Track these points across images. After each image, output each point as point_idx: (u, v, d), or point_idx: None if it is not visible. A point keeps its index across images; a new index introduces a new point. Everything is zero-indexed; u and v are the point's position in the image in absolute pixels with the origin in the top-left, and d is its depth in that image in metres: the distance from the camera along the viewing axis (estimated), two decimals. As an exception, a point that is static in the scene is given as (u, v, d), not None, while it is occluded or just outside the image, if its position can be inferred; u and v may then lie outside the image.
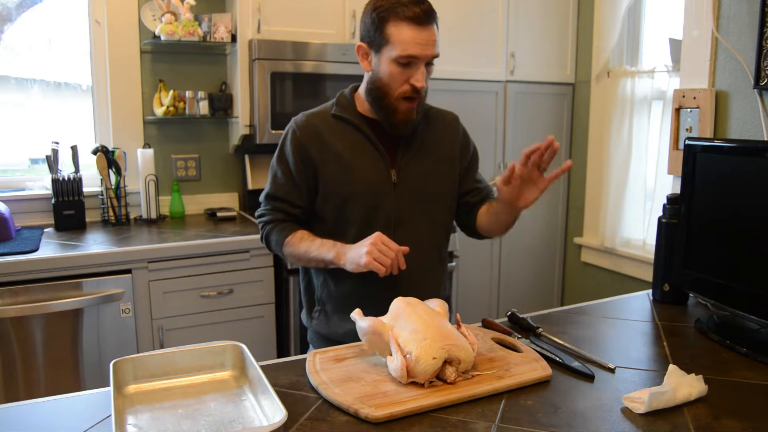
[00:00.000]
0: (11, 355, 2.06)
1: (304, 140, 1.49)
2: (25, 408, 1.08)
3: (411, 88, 1.39)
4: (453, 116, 1.64)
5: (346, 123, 1.50)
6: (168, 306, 2.31)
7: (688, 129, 2.08)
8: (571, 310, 1.60)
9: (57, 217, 2.51)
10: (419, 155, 1.52)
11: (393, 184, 1.49)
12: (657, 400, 1.03)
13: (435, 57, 1.40)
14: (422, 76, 1.39)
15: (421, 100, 1.45)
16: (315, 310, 1.59)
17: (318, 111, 1.54)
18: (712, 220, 1.47)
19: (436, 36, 1.39)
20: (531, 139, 3.27)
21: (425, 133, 1.55)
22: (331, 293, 1.54)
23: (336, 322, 1.53)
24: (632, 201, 3.05)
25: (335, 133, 1.49)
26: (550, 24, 3.24)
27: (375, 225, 1.46)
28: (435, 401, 1.04)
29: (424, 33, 1.36)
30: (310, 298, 1.61)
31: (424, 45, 1.36)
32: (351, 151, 1.48)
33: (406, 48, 1.36)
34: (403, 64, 1.38)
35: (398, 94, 1.41)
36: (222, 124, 2.95)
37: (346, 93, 1.55)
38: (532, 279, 3.45)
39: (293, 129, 1.51)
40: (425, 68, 1.40)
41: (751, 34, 1.86)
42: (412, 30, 1.35)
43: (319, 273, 1.56)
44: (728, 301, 1.41)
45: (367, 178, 1.47)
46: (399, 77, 1.40)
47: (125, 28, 2.70)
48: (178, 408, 1.06)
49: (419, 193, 1.52)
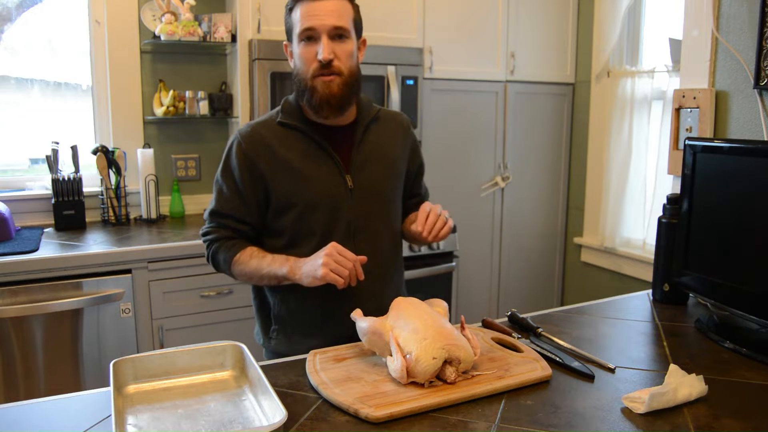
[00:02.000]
0: (11, 355, 2.06)
1: (250, 152, 1.42)
2: (25, 408, 1.08)
3: (318, 63, 1.36)
4: (404, 117, 1.61)
5: (294, 130, 1.44)
6: (168, 306, 2.31)
7: (688, 129, 2.08)
8: (571, 310, 1.60)
9: (57, 217, 2.51)
10: (373, 157, 1.48)
11: (350, 189, 1.44)
12: (657, 401, 1.03)
13: (338, 27, 1.36)
14: (326, 48, 1.35)
15: (344, 78, 1.38)
16: (272, 329, 1.51)
17: (263, 120, 1.47)
18: (712, 220, 1.47)
19: (337, 8, 1.36)
20: (531, 139, 3.30)
21: (377, 134, 1.51)
22: (290, 310, 1.48)
23: (298, 339, 1.47)
24: (632, 201, 3.05)
25: (284, 142, 1.43)
26: (550, 24, 3.24)
27: (335, 234, 1.41)
28: (435, 401, 1.04)
29: (320, 5, 1.35)
30: (265, 317, 1.54)
31: (321, 16, 1.35)
32: (302, 159, 1.42)
33: (303, 22, 1.36)
34: (307, 40, 1.37)
35: (311, 74, 1.38)
36: (222, 124, 2.95)
37: (291, 99, 1.48)
38: (532, 279, 3.45)
39: (238, 141, 1.44)
40: (336, 41, 1.37)
41: (751, 34, 1.86)
42: (307, 5, 1.36)
43: (276, 290, 1.49)
44: (728, 301, 1.41)
45: (323, 186, 1.41)
46: (307, 56, 1.38)
47: (125, 28, 2.70)
48: (178, 408, 1.06)
49: (376, 196, 1.47)
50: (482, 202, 3.19)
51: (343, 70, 1.38)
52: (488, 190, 3.20)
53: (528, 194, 3.34)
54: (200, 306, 2.36)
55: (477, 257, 3.23)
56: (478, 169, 3.16)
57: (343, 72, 1.38)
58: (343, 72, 1.38)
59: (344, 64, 1.38)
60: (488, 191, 3.20)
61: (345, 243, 1.36)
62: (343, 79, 1.38)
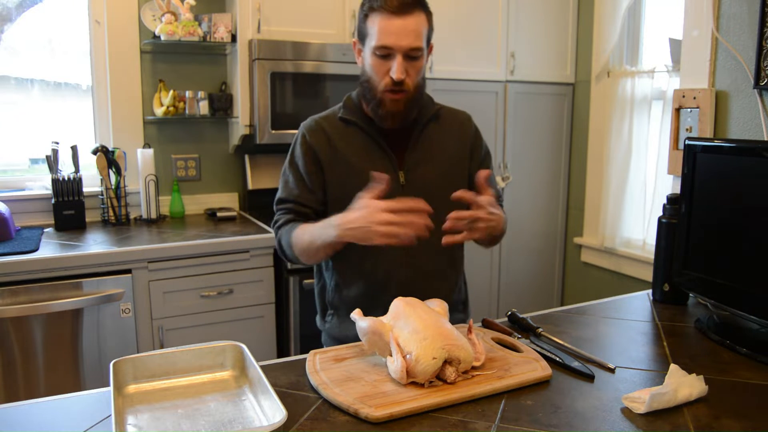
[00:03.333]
0: (11, 355, 2.06)
1: (313, 143, 1.49)
2: (25, 408, 1.08)
3: (390, 80, 1.38)
4: (465, 115, 1.62)
5: (354, 126, 1.50)
6: (168, 306, 2.31)
7: (688, 129, 2.08)
8: (571, 310, 1.60)
9: (57, 217, 2.51)
10: (428, 156, 1.51)
11: (401, 186, 1.47)
12: (657, 401, 1.03)
13: (414, 48, 1.37)
14: (400, 68, 1.36)
15: (410, 95, 1.41)
16: (328, 313, 1.59)
17: (326, 114, 1.54)
18: (712, 220, 1.47)
19: (415, 26, 1.36)
20: (531, 139, 3.30)
21: (434, 133, 1.53)
22: (342, 297, 1.54)
23: (349, 325, 1.51)
24: (632, 201, 3.05)
25: (343, 137, 1.49)
26: (550, 24, 3.24)
27: None
28: (435, 401, 1.04)
29: (399, 23, 1.35)
30: (323, 301, 1.61)
31: (398, 35, 1.34)
32: (359, 153, 1.48)
33: (380, 38, 1.36)
34: (382, 56, 1.38)
35: (382, 87, 1.40)
36: (222, 124, 2.95)
37: (353, 96, 1.54)
38: (532, 279, 3.45)
39: (303, 133, 1.51)
40: (409, 61, 1.38)
41: (751, 34, 1.86)
42: (386, 20, 1.35)
43: (332, 278, 1.56)
44: (728, 301, 1.41)
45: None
46: (379, 69, 1.39)
47: (125, 28, 2.70)
48: (178, 408, 1.06)
49: (428, 195, 1.46)
50: (482, 202, 3.18)
51: (411, 86, 1.41)
52: (488, 190, 3.20)
53: (528, 194, 3.34)
54: (200, 306, 2.36)
55: (477, 257, 3.22)
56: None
57: (410, 89, 1.41)
58: (410, 89, 1.41)
59: (413, 80, 1.41)
60: (488, 191, 3.20)
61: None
62: (409, 95, 1.42)
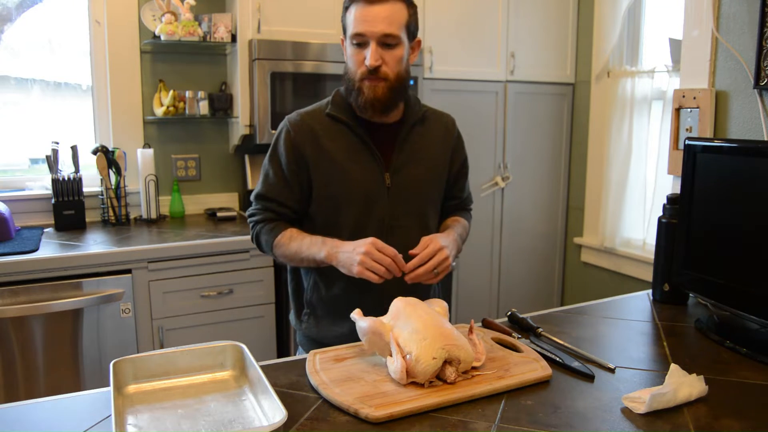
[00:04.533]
0: (11, 355, 2.06)
1: (297, 139, 1.46)
2: (25, 408, 1.08)
3: (366, 68, 1.39)
4: (449, 119, 1.62)
5: (341, 123, 1.48)
6: (168, 306, 2.31)
7: (688, 129, 2.08)
8: (571, 310, 1.60)
9: (57, 217, 2.51)
10: (413, 158, 1.50)
11: (387, 188, 1.47)
12: (658, 401, 1.03)
13: (388, 35, 1.37)
14: (374, 54, 1.37)
15: (390, 84, 1.41)
16: (304, 313, 1.56)
17: (312, 110, 1.52)
18: (712, 220, 1.47)
19: (390, 13, 1.37)
20: (531, 139, 3.29)
21: (420, 135, 1.53)
22: (321, 297, 1.51)
23: (326, 325, 1.50)
24: (632, 201, 3.05)
25: (329, 134, 1.47)
26: (550, 24, 3.24)
27: (367, 229, 1.43)
28: (435, 401, 1.04)
29: (373, 10, 1.36)
30: (298, 300, 1.59)
31: (372, 22, 1.36)
32: (345, 152, 1.46)
33: (355, 26, 1.38)
34: (358, 44, 1.40)
35: (359, 76, 1.41)
36: (222, 124, 2.95)
37: (342, 91, 1.51)
38: (532, 279, 3.45)
39: (287, 128, 1.49)
40: (385, 48, 1.38)
41: (751, 34, 1.86)
42: (361, 8, 1.38)
43: (309, 276, 1.54)
44: (728, 301, 1.41)
45: (361, 180, 1.45)
46: (356, 58, 1.41)
47: (125, 28, 2.70)
48: (178, 408, 1.06)
49: (413, 197, 1.49)
50: (482, 202, 3.18)
51: (390, 75, 1.41)
52: (488, 190, 3.20)
53: (528, 194, 3.34)
54: (200, 306, 2.36)
55: (477, 257, 3.22)
56: (478, 169, 3.16)
57: (389, 77, 1.41)
58: (389, 77, 1.41)
59: (392, 69, 1.41)
60: (488, 191, 3.20)
61: (378, 239, 1.36)
62: (389, 84, 1.41)
